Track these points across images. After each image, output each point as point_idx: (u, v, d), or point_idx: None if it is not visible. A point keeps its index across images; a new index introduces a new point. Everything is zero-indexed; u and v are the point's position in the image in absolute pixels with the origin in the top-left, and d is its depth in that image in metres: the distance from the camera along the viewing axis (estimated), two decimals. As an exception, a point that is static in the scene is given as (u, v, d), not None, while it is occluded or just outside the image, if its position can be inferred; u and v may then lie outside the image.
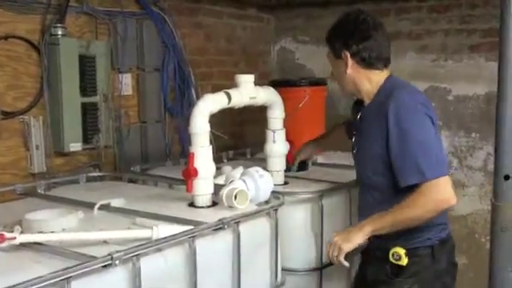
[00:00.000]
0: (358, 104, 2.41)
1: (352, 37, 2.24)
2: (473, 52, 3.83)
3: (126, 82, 3.45)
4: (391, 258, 2.19)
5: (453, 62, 3.90)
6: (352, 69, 2.26)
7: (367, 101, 2.31)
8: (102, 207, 2.22)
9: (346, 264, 2.20)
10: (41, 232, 1.89)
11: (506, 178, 2.14)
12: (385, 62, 2.29)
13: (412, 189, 2.10)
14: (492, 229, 2.27)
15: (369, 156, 2.27)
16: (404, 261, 2.17)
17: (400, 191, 2.14)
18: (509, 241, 2.25)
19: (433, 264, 2.22)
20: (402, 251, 2.17)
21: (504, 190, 2.15)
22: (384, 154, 2.16)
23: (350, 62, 2.25)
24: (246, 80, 2.51)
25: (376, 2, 4.18)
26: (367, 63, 2.25)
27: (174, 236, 1.85)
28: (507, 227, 2.22)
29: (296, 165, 2.98)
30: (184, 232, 1.88)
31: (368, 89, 2.29)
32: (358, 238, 2.16)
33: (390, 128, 2.12)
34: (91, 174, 2.92)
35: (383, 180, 2.21)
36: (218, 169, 2.38)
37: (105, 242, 1.83)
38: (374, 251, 2.31)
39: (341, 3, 4.33)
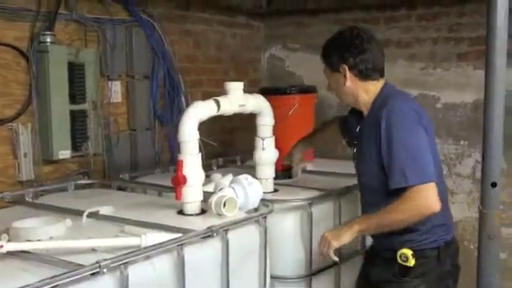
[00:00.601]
0: (356, 113, 2.51)
1: (348, 51, 2.35)
2: (461, 60, 3.85)
3: (116, 90, 3.45)
4: (399, 259, 2.26)
5: (441, 70, 3.92)
6: (350, 81, 2.37)
7: (365, 111, 2.41)
8: (90, 215, 2.21)
9: (336, 258, 2.39)
10: (28, 240, 1.88)
11: (493, 185, 2.16)
12: (380, 72, 2.41)
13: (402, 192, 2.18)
14: (480, 236, 2.29)
15: (367, 162, 2.36)
16: (411, 262, 2.24)
17: (394, 194, 2.21)
18: (496, 248, 2.28)
19: (438, 265, 2.30)
20: (409, 252, 2.24)
21: (491, 197, 2.18)
22: (378, 160, 2.26)
23: (348, 74, 2.36)
24: (236, 87, 2.52)
25: (365, 11, 4.21)
26: (364, 75, 2.36)
27: (162, 244, 1.84)
28: (494, 235, 2.24)
29: (280, 173, 2.95)
30: (172, 240, 1.88)
31: (365, 99, 2.39)
32: (347, 236, 2.30)
33: (382, 134, 2.22)
34: (80, 182, 2.91)
35: (379, 183, 2.29)
36: (207, 176, 2.39)
37: (93, 249, 1.83)
38: (380, 252, 2.40)
39: (330, 11, 4.36)
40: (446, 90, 3.89)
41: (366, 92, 2.38)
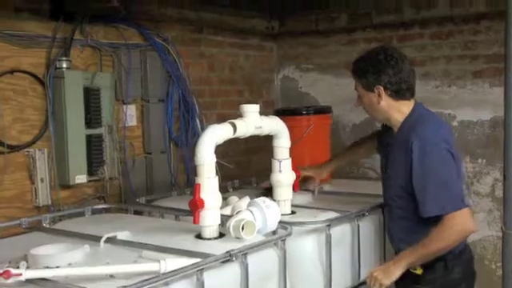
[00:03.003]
0: (388, 128, 2.59)
1: (385, 72, 2.41)
2: (476, 77, 3.84)
3: (131, 113, 3.46)
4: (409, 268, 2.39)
5: (456, 87, 3.90)
6: (384, 101, 2.44)
7: (395, 129, 2.50)
8: (108, 240, 2.20)
9: None
10: (47, 267, 1.87)
11: (516, 204, 2.13)
12: (412, 92, 2.48)
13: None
14: (503, 256, 2.25)
15: (393, 182, 2.47)
16: (419, 270, 2.39)
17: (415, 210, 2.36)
18: (521, 269, 2.23)
19: (446, 274, 2.40)
20: None
21: (514, 217, 2.14)
22: (406, 185, 2.36)
23: (383, 95, 2.42)
24: (252, 110, 2.51)
25: (378, 30, 4.21)
26: (399, 95, 2.44)
27: (181, 269, 1.82)
28: (519, 254, 2.20)
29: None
30: (192, 265, 1.86)
31: (397, 118, 2.47)
32: (397, 272, 2.35)
33: (414, 165, 2.31)
34: (96, 207, 2.90)
35: (405, 202, 2.41)
36: (224, 199, 2.37)
37: (111, 276, 1.82)
38: None
39: (342, 31, 4.37)
40: (461, 108, 3.87)
41: (398, 111, 2.46)
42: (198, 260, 1.91)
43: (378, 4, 4.16)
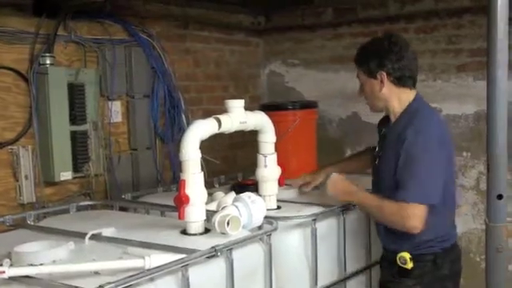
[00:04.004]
0: (384, 121, 2.64)
1: (387, 57, 2.43)
2: (460, 71, 3.85)
3: (116, 109, 3.45)
4: (398, 262, 2.42)
5: (441, 81, 3.92)
6: (386, 87, 2.45)
7: (393, 119, 2.51)
8: (93, 237, 2.19)
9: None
10: (31, 265, 1.86)
11: (499, 197, 2.14)
12: (414, 81, 2.51)
13: None
14: (487, 250, 2.26)
15: (385, 173, 2.48)
16: (409, 265, 2.40)
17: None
18: (504, 261, 2.25)
19: (435, 269, 2.44)
20: (407, 256, 2.40)
21: (497, 210, 2.15)
22: (393, 170, 2.39)
23: (385, 81, 2.44)
24: (236, 105, 2.50)
25: (363, 25, 4.22)
26: (401, 82, 2.46)
27: (166, 265, 1.82)
28: (502, 247, 2.21)
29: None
30: (177, 261, 1.85)
31: (396, 107, 2.49)
32: (345, 198, 2.58)
33: (404, 149, 2.34)
34: (82, 203, 2.88)
35: (392, 193, 2.39)
36: (209, 194, 2.36)
37: (96, 272, 1.81)
38: (386, 255, 2.58)
39: (328, 26, 4.38)
40: (446, 102, 3.88)
41: (398, 100, 2.48)
42: (183, 256, 1.90)
43: (363, -2, 4.18)
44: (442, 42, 3.87)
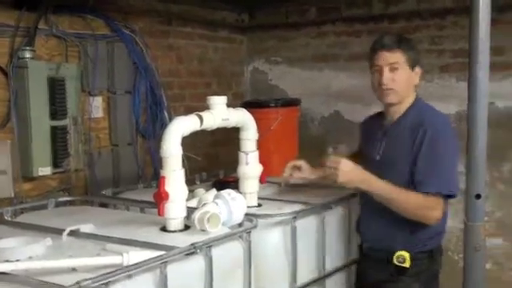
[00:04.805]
0: (374, 120, 2.70)
1: (420, 56, 2.59)
2: (443, 72, 3.88)
3: (97, 105, 3.42)
4: (395, 261, 2.44)
5: (424, 81, 3.93)
6: (416, 83, 2.56)
7: (396, 114, 2.54)
8: (71, 233, 2.16)
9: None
10: (7, 261, 1.83)
11: (478, 197, 2.15)
12: None
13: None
14: (465, 248, 2.28)
15: (393, 169, 2.45)
16: (408, 263, 2.42)
17: None
18: (482, 260, 2.27)
19: (431, 265, 2.50)
20: (406, 255, 2.42)
21: (476, 209, 2.16)
22: (411, 164, 2.39)
23: (418, 76, 2.55)
24: (218, 102, 2.49)
25: (347, 23, 4.23)
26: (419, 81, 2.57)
27: (144, 262, 1.80)
28: (480, 246, 2.23)
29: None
30: (155, 258, 1.84)
31: (408, 102, 2.54)
32: (358, 184, 2.41)
33: (423, 148, 2.37)
34: (60, 199, 2.84)
35: (405, 183, 2.40)
36: (190, 191, 2.35)
37: (73, 269, 1.78)
38: (376, 255, 2.56)
39: (312, 24, 4.38)
40: (429, 102, 3.88)
41: (412, 95, 2.55)
42: (161, 253, 1.89)
43: (347, -2, 4.19)
44: (424, 43, 3.89)
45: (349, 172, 2.37)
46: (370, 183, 2.39)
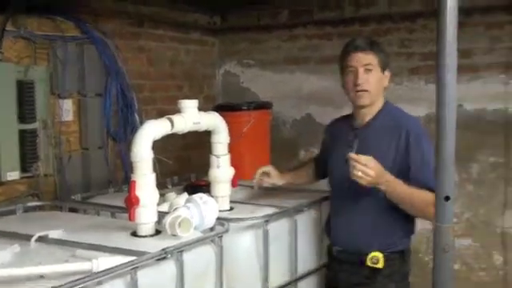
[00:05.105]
0: (341, 123, 2.71)
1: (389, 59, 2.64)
2: (412, 74, 3.93)
3: (67, 108, 3.37)
4: (369, 262, 2.45)
5: (394, 84, 3.97)
6: (386, 85, 2.59)
7: (368, 116, 2.56)
8: (39, 239, 2.13)
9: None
10: (-28, 268, 1.80)
11: (447, 199, 2.17)
12: None
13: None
14: (435, 250, 2.30)
15: None
16: (381, 264, 2.44)
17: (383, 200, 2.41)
18: (451, 261, 2.29)
19: (402, 266, 2.53)
20: (380, 255, 2.44)
21: (445, 211, 2.18)
22: (394, 167, 2.39)
23: (388, 79, 2.59)
24: (190, 105, 2.48)
25: (318, 27, 4.25)
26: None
27: (114, 268, 1.78)
28: (449, 247, 2.25)
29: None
30: (125, 264, 1.82)
31: (378, 105, 2.57)
32: (377, 183, 2.32)
33: (412, 149, 2.41)
34: (29, 204, 2.79)
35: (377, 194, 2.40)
36: (161, 195, 2.34)
37: (41, 276, 1.76)
38: (348, 258, 2.56)
39: (284, 27, 4.39)
40: (398, 104, 3.92)
41: (381, 98, 2.58)
42: (132, 258, 1.87)
43: (319, 1, 4.20)
44: (394, 46, 3.93)
45: (378, 170, 2.32)
46: (387, 179, 2.35)
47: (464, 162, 3.69)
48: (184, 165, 4.04)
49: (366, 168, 2.28)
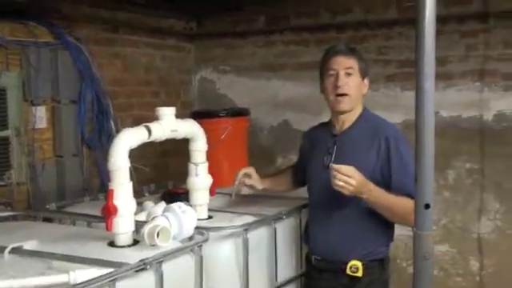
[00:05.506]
0: (319, 131, 2.69)
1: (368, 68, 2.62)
2: (389, 81, 3.95)
3: (40, 115, 3.32)
4: (348, 271, 2.43)
5: (370, 90, 3.97)
6: (365, 93, 2.58)
7: (347, 123, 2.55)
8: (13, 251, 2.07)
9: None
10: None
11: (427, 206, 2.18)
12: None
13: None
14: (415, 257, 2.30)
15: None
16: (360, 272, 2.42)
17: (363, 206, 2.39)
18: (431, 268, 2.30)
19: (380, 275, 2.51)
20: (359, 263, 2.42)
21: (425, 218, 2.19)
22: (374, 175, 2.37)
23: (367, 87, 2.58)
24: (167, 113, 2.44)
25: (295, 33, 4.26)
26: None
27: (92, 280, 1.74)
28: (429, 254, 2.26)
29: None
30: (104, 276, 1.78)
31: (356, 114, 2.56)
32: (360, 191, 2.29)
33: (392, 156, 2.40)
34: (1, 214, 2.73)
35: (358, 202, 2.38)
36: (139, 204, 2.29)
37: (16, 290, 1.71)
38: (327, 266, 2.53)
39: (260, 33, 4.39)
40: (375, 111, 3.94)
41: (360, 105, 2.58)
42: (110, 270, 1.83)
43: (296, 7, 4.20)
44: (371, 53, 3.95)
45: (360, 180, 2.28)
46: (369, 188, 2.32)
47: (441, 168, 3.73)
48: (161, 172, 4.00)
49: (348, 178, 2.26)
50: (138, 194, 2.32)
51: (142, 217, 2.44)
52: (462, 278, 3.82)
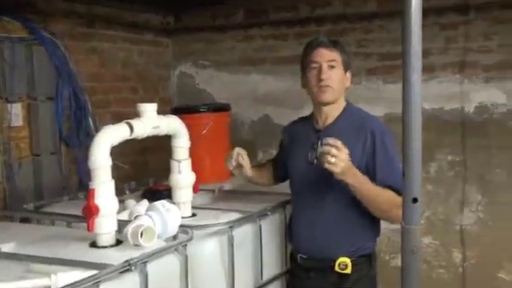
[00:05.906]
0: (299, 126, 2.65)
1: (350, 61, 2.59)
2: (370, 75, 3.93)
3: (16, 112, 3.23)
4: (337, 268, 2.40)
5: (352, 84, 3.96)
6: (347, 86, 2.54)
7: (330, 117, 2.50)
8: (-10, 253, 2.01)
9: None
10: None
11: (414, 200, 2.16)
12: None
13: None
14: (403, 251, 2.29)
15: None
16: (349, 269, 2.39)
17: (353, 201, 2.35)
18: (418, 262, 2.29)
19: (368, 271, 2.49)
20: (348, 260, 2.40)
21: (413, 212, 2.17)
22: (360, 169, 2.31)
23: (349, 80, 2.55)
24: (149, 109, 2.39)
25: (274, 27, 4.22)
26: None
27: (75, 283, 1.69)
28: (417, 248, 2.24)
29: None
30: (87, 278, 1.72)
31: (340, 107, 2.53)
32: (342, 175, 2.22)
33: (378, 149, 2.37)
34: (-23, 215, 2.66)
35: (347, 191, 2.32)
36: (120, 202, 2.24)
37: (-5, 295, 1.65)
38: (314, 264, 2.48)
39: (239, 28, 4.34)
40: (357, 104, 3.93)
41: (342, 99, 2.54)
42: (93, 272, 1.78)
43: (275, 1, 4.16)
44: (352, 46, 3.92)
45: (347, 161, 2.20)
46: (357, 177, 2.27)
47: (423, 161, 3.68)
48: (140, 169, 3.93)
49: (341, 152, 2.18)
50: (118, 191, 2.26)
51: (124, 215, 2.38)
52: (445, 270, 3.84)
